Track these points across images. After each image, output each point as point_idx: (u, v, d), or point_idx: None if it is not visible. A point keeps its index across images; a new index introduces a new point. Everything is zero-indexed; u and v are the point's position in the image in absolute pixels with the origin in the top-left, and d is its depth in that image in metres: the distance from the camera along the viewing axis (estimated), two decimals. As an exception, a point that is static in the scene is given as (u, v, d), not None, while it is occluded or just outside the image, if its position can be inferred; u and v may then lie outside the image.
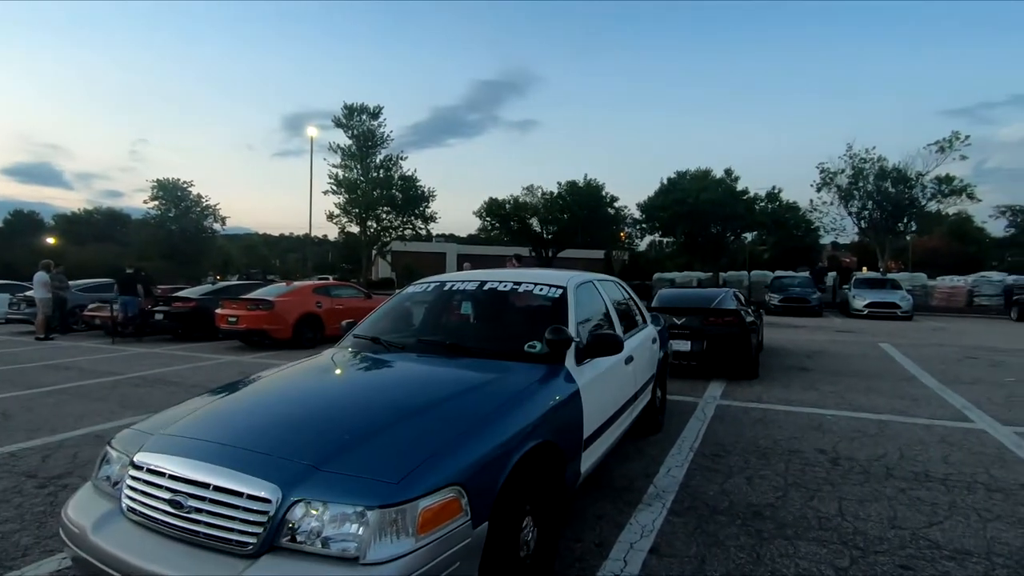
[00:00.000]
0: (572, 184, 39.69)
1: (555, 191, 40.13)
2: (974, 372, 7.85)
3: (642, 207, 37.42)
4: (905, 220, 29.01)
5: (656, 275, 30.72)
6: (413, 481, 1.71)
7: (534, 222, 40.59)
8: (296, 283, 12.61)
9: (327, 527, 1.67)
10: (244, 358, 9.59)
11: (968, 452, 4.29)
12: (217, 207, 43.51)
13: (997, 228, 50.73)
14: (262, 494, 1.71)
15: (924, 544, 2.83)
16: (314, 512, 1.69)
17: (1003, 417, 5.27)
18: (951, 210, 30.56)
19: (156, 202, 41.10)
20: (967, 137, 26.13)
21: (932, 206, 28.36)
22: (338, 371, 2.96)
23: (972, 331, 14.32)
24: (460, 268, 16.45)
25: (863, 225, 29.66)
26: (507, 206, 40.51)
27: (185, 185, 41.71)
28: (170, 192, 41.16)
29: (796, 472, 3.85)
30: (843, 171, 28.59)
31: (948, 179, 26.90)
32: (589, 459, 2.92)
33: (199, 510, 1.76)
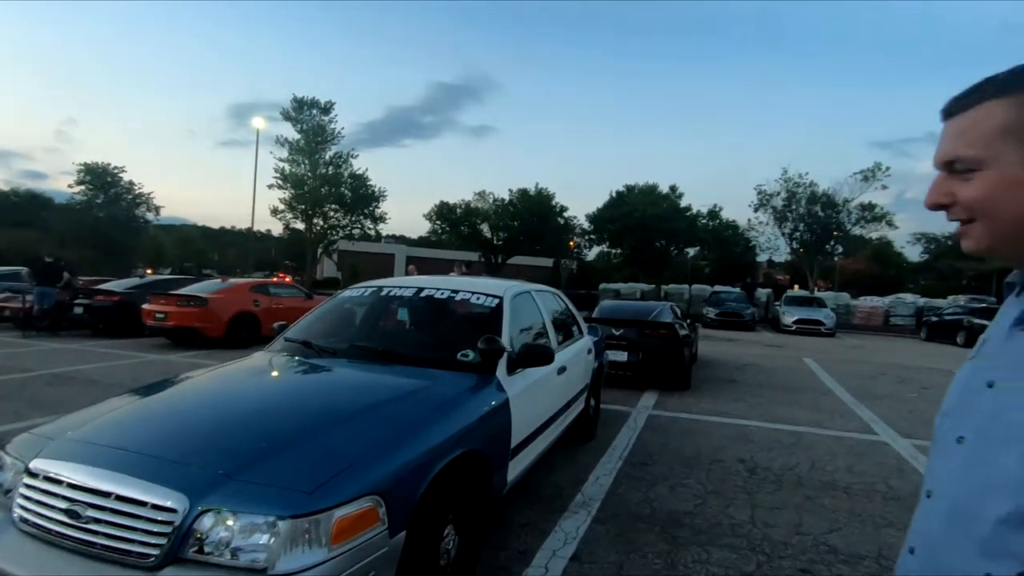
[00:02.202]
0: (523, 192, 40.02)
1: (506, 198, 40.37)
2: (884, 388, 8.47)
3: (591, 218, 38.23)
4: (832, 243, 30.97)
5: (602, 285, 31.39)
6: (329, 491, 1.71)
7: (484, 228, 40.63)
8: (232, 280, 12.13)
9: (237, 537, 1.63)
10: (171, 357, 9.12)
11: (871, 463, 4.63)
12: (151, 195, 41.26)
13: (914, 253, 54.83)
14: (168, 503, 1.65)
15: (824, 549, 3.04)
16: (224, 522, 1.65)
17: (904, 430, 5.72)
18: (874, 235, 32.88)
19: (82, 187, 38.49)
20: (888, 168, 28.28)
21: (857, 230, 30.44)
22: (264, 376, 2.88)
23: (886, 349, 15.42)
24: (406, 270, 16.35)
25: (795, 246, 31.45)
26: (458, 210, 40.39)
27: (116, 170, 39.29)
28: (99, 177, 38.64)
29: (716, 480, 4.04)
30: (778, 193, 30.27)
31: (871, 207, 28.97)
32: (517, 468, 2.97)
33: (98, 520, 1.69)
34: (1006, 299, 0.83)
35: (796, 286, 37.33)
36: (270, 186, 32.77)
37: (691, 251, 39.95)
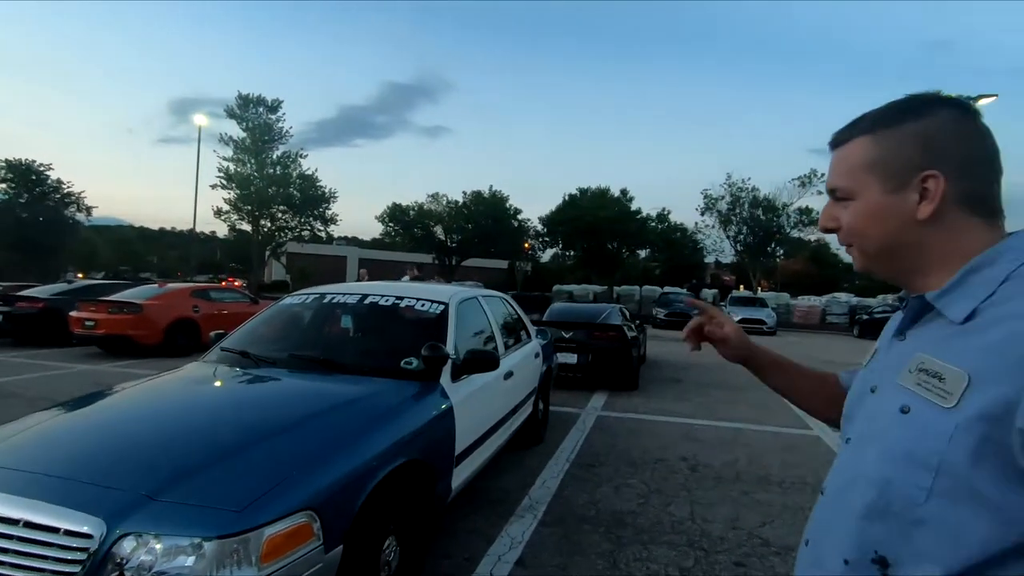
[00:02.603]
0: (477, 194, 40.02)
1: (460, 200, 40.25)
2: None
3: (544, 221, 38.61)
4: (773, 245, 32.42)
5: (555, 287, 31.72)
6: (259, 508, 1.66)
7: (438, 230, 40.36)
8: (170, 284, 11.59)
9: (160, 561, 1.57)
10: (102, 367, 8.62)
11: (803, 456, 4.87)
12: (82, 195, 38.84)
13: (848, 255, 57.97)
14: (83, 529, 1.57)
15: (757, 542, 3.18)
16: (146, 546, 1.58)
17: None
18: (811, 237, 34.59)
19: (3, 185, 35.84)
20: (823, 175, 29.78)
21: (795, 233, 32.00)
22: (196, 388, 2.77)
23: (822, 346, 16.25)
24: (358, 274, 16.07)
25: (739, 248, 32.74)
26: (411, 212, 39.97)
27: (42, 168, 36.77)
28: (22, 175, 36.07)
29: (659, 479, 4.16)
30: (723, 198, 31.47)
31: (808, 211, 30.49)
32: (461, 475, 2.96)
33: (5, 550, 1.58)
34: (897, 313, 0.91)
35: (741, 286, 38.81)
36: (213, 186, 31.57)
37: (642, 253, 40.95)
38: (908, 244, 0.76)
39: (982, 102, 17.27)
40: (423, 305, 3.44)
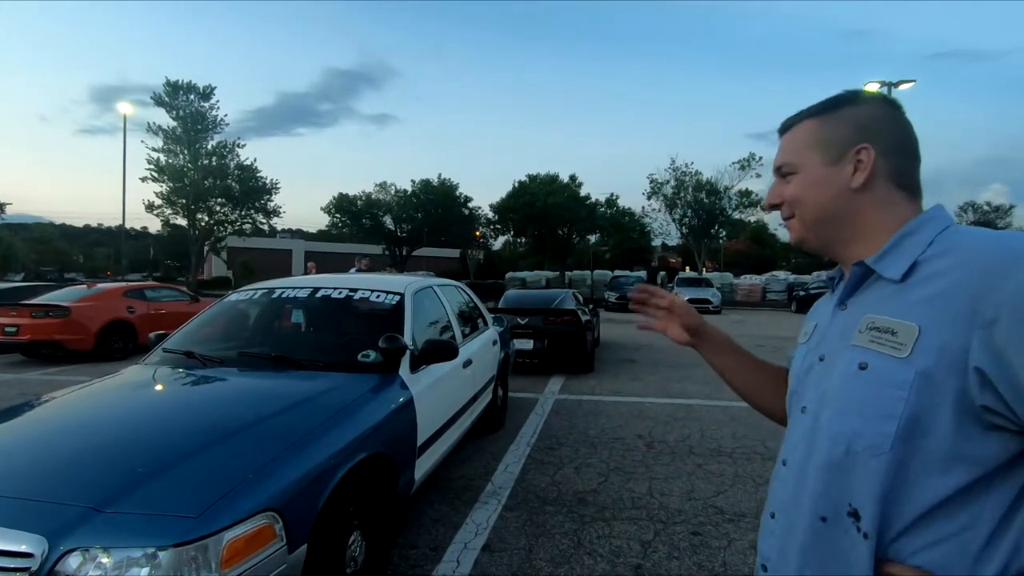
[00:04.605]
0: (426, 183, 39.45)
1: (409, 189, 39.58)
2: (761, 358, 9.35)
3: (495, 208, 38.51)
4: (716, 227, 33.60)
5: (508, 274, 31.85)
6: (217, 512, 1.60)
7: (387, 220, 39.61)
8: (100, 285, 10.90)
9: (111, 575, 1.49)
10: (30, 375, 8.04)
11: (751, 428, 5.10)
12: (-7, 191, 35.86)
13: (786, 234, 60.97)
14: (22, 548, 1.47)
15: (712, 511, 3.32)
16: (94, 560, 1.49)
17: (778, 396, 6.36)
18: (751, 219, 36.01)
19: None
20: (761, 158, 31.02)
21: (737, 215, 33.24)
22: (139, 392, 2.63)
23: (764, 322, 17.05)
24: (305, 268, 15.60)
25: (684, 230, 33.75)
26: (359, 202, 39.00)
27: (-55, 162, 33.67)
28: (-78, 170, 32.92)
29: (618, 458, 4.27)
30: (668, 182, 32.30)
31: (747, 193, 31.73)
32: (424, 465, 2.95)
33: (-67, 577, 1.46)
34: (827, 293, 0.96)
35: (687, 268, 40.09)
36: (144, 179, 29.75)
37: (592, 238, 41.56)
38: (842, 212, 0.83)
39: (902, 87, 18.33)
40: (378, 296, 3.37)
